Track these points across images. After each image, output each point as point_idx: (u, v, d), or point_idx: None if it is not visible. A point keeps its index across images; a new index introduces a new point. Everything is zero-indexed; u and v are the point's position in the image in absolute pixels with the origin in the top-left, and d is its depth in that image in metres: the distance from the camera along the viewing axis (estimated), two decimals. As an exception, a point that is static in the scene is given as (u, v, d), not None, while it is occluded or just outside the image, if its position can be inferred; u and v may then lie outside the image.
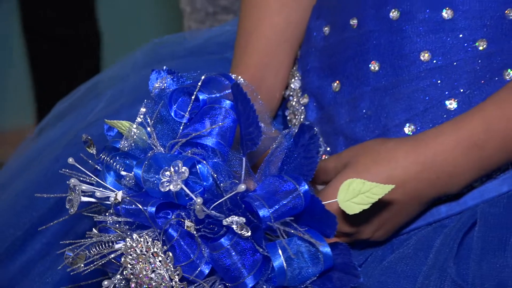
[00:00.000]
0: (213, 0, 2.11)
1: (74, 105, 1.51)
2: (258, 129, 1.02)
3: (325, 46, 1.30)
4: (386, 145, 1.14)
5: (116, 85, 1.48)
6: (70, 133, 1.41)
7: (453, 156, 1.11)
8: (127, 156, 1.04)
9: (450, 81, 1.19)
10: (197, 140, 1.02)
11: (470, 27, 1.19)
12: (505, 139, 1.11)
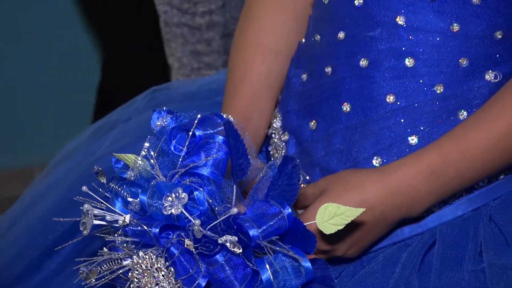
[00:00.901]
0: (197, 57, 2.11)
1: (82, 144, 1.51)
2: (247, 160, 1.04)
3: (303, 91, 1.30)
4: (356, 175, 1.15)
5: (120, 126, 1.48)
6: (80, 166, 1.40)
7: (415, 184, 1.13)
8: (133, 184, 1.05)
9: (412, 120, 1.19)
10: (194, 170, 1.03)
11: (429, 74, 1.19)
12: (459, 170, 1.12)
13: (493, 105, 1.14)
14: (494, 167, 1.14)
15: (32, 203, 1.45)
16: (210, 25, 2.09)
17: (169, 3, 2.08)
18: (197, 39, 2.10)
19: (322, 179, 1.19)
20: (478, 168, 1.14)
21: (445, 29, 1.18)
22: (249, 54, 1.35)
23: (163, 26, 2.13)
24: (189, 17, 2.08)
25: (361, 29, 1.22)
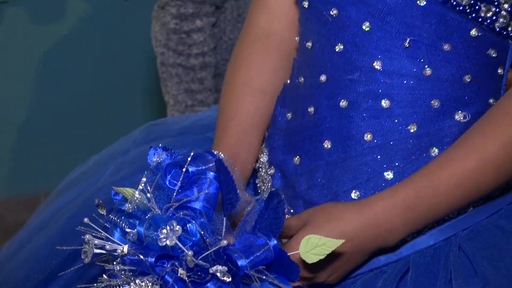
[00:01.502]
0: (191, 95, 2.11)
1: (84, 174, 1.51)
2: (236, 195, 1.05)
3: (288, 128, 1.30)
4: (337, 208, 1.15)
5: (119, 158, 1.48)
6: (82, 196, 1.40)
7: (390, 217, 1.13)
8: (131, 216, 1.06)
9: (388, 156, 1.20)
10: (187, 204, 1.04)
11: (403, 114, 1.19)
12: (432, 204, 1.13)
13: (463, 144, 1.15)
14: (464, 201, 1.15)
15: (37, 229, 1.45)
16: (203, 66, 2.10)
17: (166, 45, 2.09)
18: (191, 78, 2.11)
19: (305, 211, 1.19)
20: (449, 203, 1.14)
21: (418, 73, 1.19)
22: (238, 94, 1.35)
23: (160, 66, 2.13)
24: (183, 58, 2.09)
25: (341, 72, 1.22)
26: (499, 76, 1.23)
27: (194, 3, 2.05)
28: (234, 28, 2.16)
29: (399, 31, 1.18)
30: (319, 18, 1.24)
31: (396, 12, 1.18)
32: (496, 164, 1.13)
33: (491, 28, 1.18)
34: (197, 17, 2.07)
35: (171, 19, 2.06)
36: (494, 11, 1.17)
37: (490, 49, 1.20)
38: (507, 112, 1.15)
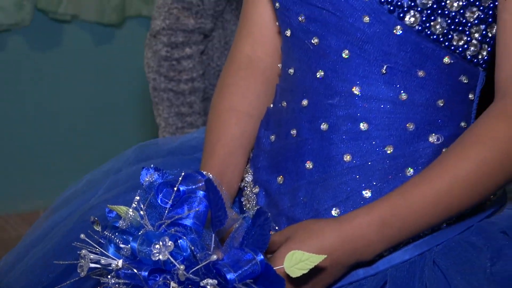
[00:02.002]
0: (181, 118, 2.10)
1: (78, 191, 1.49)
2: (225, 212, 1.05)
3: (272, 150, 1.29)
4: (318, 224, 1.15)
5: (112, 177, 1.46)
6: (77, 212, 1.39)
7: (367, 233, 1.13)
8: (125, 233, 1.05)
9: (366, 176, 1.20)
10: (179, 221, 1.04)
11: (380, 136, 1.19)
12: (406, 221, 1.13)
13: (437, 165, 1.14)
14: (438, 219, 1.15)
15: (34, 243, 1.43)
16: (192, 91, 2.10)
17: (157, 71, 2.09)
18: (181, 102, 2.10)
19: (287, 227, 1.19)
20: (423, 220, 1.14)
21: (395, 98, 1.19)
22: (224, 118, 1.35)
23: (152, 91, 2.13)
24: (174, 83, 2.08)
25: (322, 97, 1.22)
26: (470, 101, 1.23)
27: (184, 32, 2.05)
28: (221, 55, 2.16)
29: (376, 59, 1.18)
30: (301, 46, 1.24)
31: (374, 41, 1.18)
32: (469, 185, 1.13)
33: (463, 56, 1.19)
34: (187, 45, 2.07)
35: (163, 47, 2.06)
36: (465, 40, 1.18)
37: (462, 76, 1.20)
38: (479, 135, 1.15)
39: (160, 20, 2.05)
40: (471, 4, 1.16)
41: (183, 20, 2.04)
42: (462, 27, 1.17)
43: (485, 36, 1.19)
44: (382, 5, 1.16)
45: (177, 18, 2.04)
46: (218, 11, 2.08)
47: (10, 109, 3.22)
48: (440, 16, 1.16)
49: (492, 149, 1.14)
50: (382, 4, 1.16)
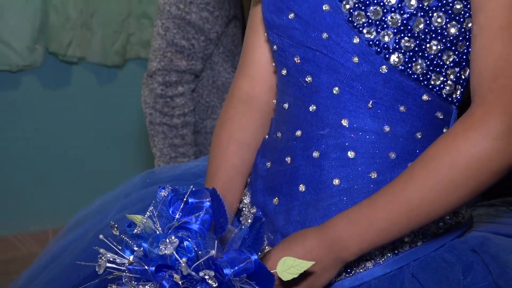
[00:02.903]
0: (174, 148, 2.12)
1: (91, 213, 1.51)
2: (226, 220, 1.08)
3: (268, 175, 1.31)
4: (301, 231, 1.19)
5: (122, 200, 1.47)
6: (91, 232, 1.40)
7: (344, 235, 1.15)
8: (139, 237, 1.09)
9: (352, 198, 1.21)
10: (186, 225, 1.07)
11: (366, 163, 1.21)
12: (372, 219, 1.15)
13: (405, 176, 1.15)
14: (407, 226, 1.15)
15: (50, 261, 1.44)
16: (184, 124, 2.10)
17: (153, 107, 2.09)
18: (174, 135, 2.11)
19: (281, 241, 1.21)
20: (393, 228, 1.15)
21: (379, 130, 1.21)
22: (225, 147, 1.36)
23: (148, 125, 2.13)
24: (168, 118, 2.09)
25: (314, 128, 1.24)
26: None
27: (177, 72, 2.08)
28: (210, 92, 2.16)
29: (363, 95, 1.20)
30: (296, 84, 1.25)
31: (362, 79, 1.19)
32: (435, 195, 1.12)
33: (439, 94, 1.20)
34: (179, 84, 2.09)
35: (158, 85, 2.09)
36: (442, 80, 1.20)
37: (438, 112, 1.22)
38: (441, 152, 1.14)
39: (156, 62, 2.08)
40: (448, 49, 1.18)
41: (176, 62, 2.07)
42: (439, 69, 1.19)
43: (459, 77, 1.21)
44: (370, 47, 1.18)
45: (171, 60, 2.07)
46: (207, 54, 2.10)
47: (24, 140, 3.23)
48: (420, 58, 1.17)
49: (457, 159, 1.12)
50: (370, 46, 1.17)
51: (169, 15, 2.06)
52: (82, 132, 3.35)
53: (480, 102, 1.13)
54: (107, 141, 3.40)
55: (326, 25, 1.21)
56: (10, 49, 3.03)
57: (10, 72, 3.13)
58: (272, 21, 1.27)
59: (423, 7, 1.16)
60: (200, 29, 2.06)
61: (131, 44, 3.33)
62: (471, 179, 1.11)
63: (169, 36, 2.07)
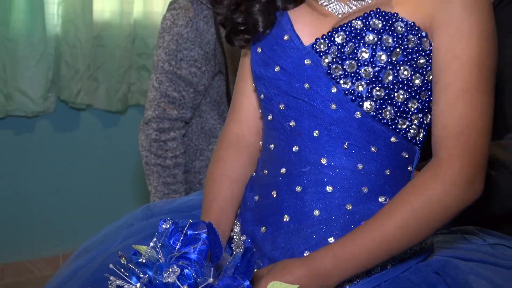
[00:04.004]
0: (167, 186, 2.10)
1: (98, 241, 1.47)
2: (221, 250, 1.06)
3: (256, 207, 1.29)
4: (290, 261, 1.16)
5: (126, 230, 1.44)
6: (100, 257, 1.36)
7: (327, 266, 1.14)
8: (144, 265, 1.06)
9: (330, 227, 1.20)
10: (186, 255, 1.04)
11: (342, 197, 1.20)
12: (355, 257, 1.14)
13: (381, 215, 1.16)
14: (381, 256, 1.15)
15: (61, 284, 1.39)
16: (175, 165, 2.08)
17: (149, 150, 2.07)
18: (167, 174, 2.08)
19: (268, 265, 1.20)
20: (370, 257, 1.15)
21: (353, 167, 1.20)
22: (218, 183, 1.35)
23: (144, 165, 2.10)
24: (161, 159, 2.07)
25: (297, 166, 1.23)
26: (409, 171, 1.24)
27: (169, 120, 2.06)
28: (198, 137, 2.15)
29: (340, 137, 1.20)
30: (280, 127, 1.25)
31: (339, 123, 1.19)
32: (405, 229, 1.14)
33: (405, 137, 1.20)
34: (172, 130, 2.07)
35: (153, 131, 2.06)
36: (407, 124, 1.20)
37: (404, 152, 1.22)
38: (413, 192, 1.15)
39: (151, 111, 2.06)
40: (413, 97, 1.18)
41: (169, 111, 2.05)
42: (405, 115, 1.19)
43: (422, 122, 1.21)
44: (346, 96, 1.18)
45: (164, 110, 2.05)
46: (196, 104, 2.09)
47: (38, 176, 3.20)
48: (389, 105, 1.17)
49: (423, 201, 1.13)
50: (346, 95, 1.18)
51: (162, 70, 2.06)
52: (89, 170, 3.33)
53: (445, 155, 1.15)
54: (110, 177, 3.37)
55: (307, 77, 1.21)
56: (27, 98, 3.03)
57: (26, 117, 3.12)
58: (260, 74, 1.27)
59: (392, 62, 1.16)
60: (190, 82, 2.06)
61: (132, 92, 3.33)
62: (434, 219, 1.15)
63: (162, 89, 2.06)
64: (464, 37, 1.14)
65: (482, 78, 1.15)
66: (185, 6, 2.04)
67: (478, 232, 1.36)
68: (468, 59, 1.14)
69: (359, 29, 1.17)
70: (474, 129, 1.15)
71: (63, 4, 3.07)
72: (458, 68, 1.14)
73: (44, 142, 3.21)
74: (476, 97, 1.14)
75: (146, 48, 3.30)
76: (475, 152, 1.15)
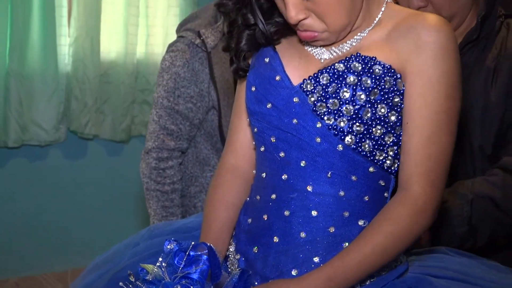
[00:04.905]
0: (165, 209, 2.06)
1: (107, 258, 1.45)
2: (220, 271, 1.07)
3: (249, 229, 1.28)
4: (282, 281, 1.16)
5: (133, 248, 1.42)
6: (109, 273, 1.35)
7: (318, 286, 1.13)
8: (151, 283, 1.05)
9: (315, 248, 1.20)
10: (188, 275, 1.04)
11: (325, 220, 1.20)
12: (346, 276, 1.15)
13: (361, 238, 1.17)
14: (365, 274, 1.16)
15: None
16: (173, 191, 2.05)
17: (149, 177, 2.05)
18: (165, 198, 2.05)
19: (261, 284, 1.19)
20: (355, 275, 1.16)
21: (336, 194, 1.20)
22: (216, 207, 1.33)
23: (145, 191, 2.07)
24: (160, 186, 2.04)
25: (285, 193, 1.22)
26: (385, 197, 1.24)
27: (168, 150, 2.04)
28: (194, 165, 2.14)
29: (324, 167, 1.20)
30: (272, 158, 1.25)
31: (323, 155, 1.19)
32: (382, 250, 1.15)
33: (382, 167, 1.20)
34: (170, 159, 2.05)
35: (153, 160, 2.04)
36: (384, 156, 1.20)
37: (380, 180, 1.22)
38: (387, 216, 1.17)
39: (151, 142, 2.04)
40: (389, 132, 1.18)
41: (167, 142, 2.04)
42: (382, 147, 1.19)
43: (397, 154, 1.20)
44: (329, 131, 1.18)
45: (163, 141, 2.03)
46: (191, 136, 2.07)
47: (50, 199, 3.18)
48: (368, 139, 1.18)
49: (396, 225, 1.16)
50: (329, 130, 1.18)
51: (162, 106, 2.05)
52: (96, 194, 3.31)
53: (417, 189, 1.17)
54: (114, 200, 3.34)
55: (296, 113, 1.21)
56: (40, 128, 3.02)
57: (40, 146, 3.11)
58: (254, 110, 1.27)
59: (370, 100, 1.17)
60: (186, 117, 2.06)
61: (134, 124, 3.31)
62: (405, 241, 1.17)
63: (161, 122, 2.05)
64: (434, 85, 1.15)
65: (448, 121, 1.17)
66: (182, 49, 2.04)
67: (448, 251, 1.36)
68: (437, 106, 1.16)
69: (341, 71, 1.18)
70: (441, 167, 1.17)
71: (74, 46, 3.08)
72: (429, 114, 1.16)
73: (56, 169, 3.19)
74: (444, 139, 1.17)
75: (147, 85, 3.29)
76: (439, 187, 1.18)
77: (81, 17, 3.04)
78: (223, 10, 1.27)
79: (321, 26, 1.19)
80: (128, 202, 3.37)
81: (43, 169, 3.16)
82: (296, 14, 1.17)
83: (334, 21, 1.18)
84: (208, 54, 2.01)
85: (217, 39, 2.02)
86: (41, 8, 2.92)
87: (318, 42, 1.23)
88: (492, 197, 1.55)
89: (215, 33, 2.02)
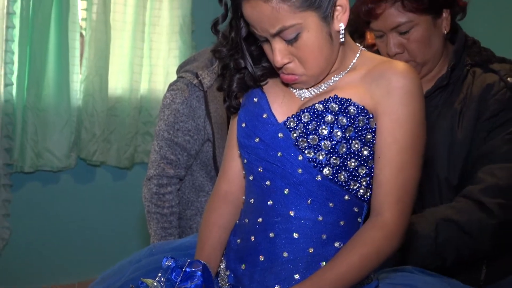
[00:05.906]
0: (164, 230, 2.04)
1: (112, 273, 1.43)
2: (212, 285, 1.08)
3: (238, 249, 1.28)
4: None
5: (135, 264, 1.40)
6: (113, 286, 1.34)
7: None
8: None
9: (296, 266, 1.19)
10: None
11: (306, 242, 1.19)
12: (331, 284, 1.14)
13: (338, 258, 1.17)
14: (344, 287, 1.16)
15: None
16: (171, 213, 2.04)
17: (150, 201, 2.02)
18: (164, 220, 2.03)
19: None
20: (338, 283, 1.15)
21: (314, 219, 1.20)
22: (210, 229, 1.33)
23: (146, 213, 2.05)
24: (160, 209, 2.02)
25: (270, 217, 1.22)
26: (358, 222, 1.23)
27: (167, 177, 2.03)
28: (190, 191, 2.12)
29: (304, 194, 1.20)
30: (259, 186, 1.25)
31: (304, 184, 1.19)
32: (357, 268, 1.15)
33: (356, 195, 1.21)
34: (169, 186, 2.04)
35: (154, 186, 2.03)
36: (358, 185, 1.20)
37: (355, 207, 1.22)
38: (360, 239, 1.17)
39: (152, 170, 2.03)
40: (362, 165, 1.18)
41: (167, 170, 2.03)
42: (356, 178, 1.19)
43: (369, 184, 1.21)
44: (309, 163, 1.18)
45: (163, 169, 2.02)
46: (189, 165, 2.06)
47: (60, 219, 3.16)
48: (343, 171, 1.18)
49: (370, 247, 1.16)
50: (309, 162, 1.18)
51: (162, 138, 2.05)
52: (102, 215, 3.29)
53: (388, 215, 1.18)
54: (118, 221, 3.32)
55: (280, 147, 1.22)
56: (53, 156, 3.02)
57: (52, 172, 3.10)
58: (244, 143, 1.28)
59: (346, 137, 1.18)
60: (184, 148, 2.06)
61: (138, 153, 3.31)
62: (377, 261, 1.17)
63: (162, 152, 2.05)
64: (402, 124, 1.17)
65: (415, 156, 1.18)
66: (182, 88, 2.06)
67: (414, 270, 1.36)
68: (405, 143, 1.17)
69: (320, 111, 1.19)
70: (408, 196, 1.19)
71: (85, 83, 3.09)
72: (398, 149, 1.17)
73: (66, 192, 3.18)
74: (411, 171, 1.18)
75: (149, 118, 3.30)
76: (408, 213, 1.19)
77: (91, 57, 3.07)
78: (218, 56, 1.29)
79: (301, 70, 1.21)
80: (131, 223, 3.35)
81: (55, 192, 3.15)
82: (282, 58, 1.19)
83: (313, 66, 1.20)
84: (204, 93, 2.03)
85: (213, 80, 2.03)
86: (56, 49, 2.95)
87: (298, 85, 1.25)
88: (456, 221, 1.55)
89: (211, 74, 2.04)
